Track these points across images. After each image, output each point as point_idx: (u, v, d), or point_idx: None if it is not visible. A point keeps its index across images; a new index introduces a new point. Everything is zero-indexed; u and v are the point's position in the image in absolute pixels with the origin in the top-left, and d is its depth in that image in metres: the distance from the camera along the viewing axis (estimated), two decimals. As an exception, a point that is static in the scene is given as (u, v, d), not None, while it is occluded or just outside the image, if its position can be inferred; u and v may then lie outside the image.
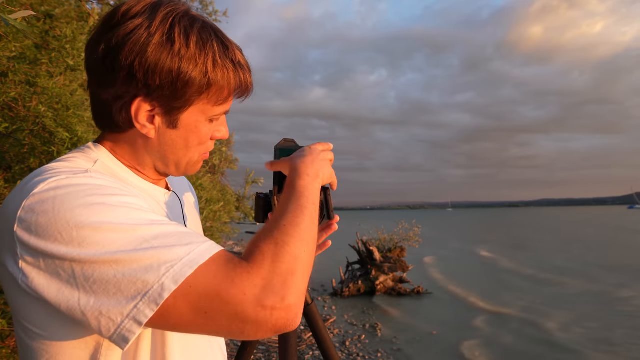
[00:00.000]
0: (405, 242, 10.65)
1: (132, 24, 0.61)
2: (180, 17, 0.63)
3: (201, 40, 0.63)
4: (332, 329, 7.10)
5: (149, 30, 0.60)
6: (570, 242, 23.80)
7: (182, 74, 0.61)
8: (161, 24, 0.61)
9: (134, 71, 0.60)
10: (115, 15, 0.63)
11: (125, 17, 0.62)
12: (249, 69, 0.69)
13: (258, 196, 0.90)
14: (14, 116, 2.13)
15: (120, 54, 0.60)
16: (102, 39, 0.62)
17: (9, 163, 2.27)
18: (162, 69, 0.61)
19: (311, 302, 1.06)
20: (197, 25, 0.63)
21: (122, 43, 0.60)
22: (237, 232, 8.05)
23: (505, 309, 8.73)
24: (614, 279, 11.74)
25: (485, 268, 14.34)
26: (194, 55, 0.62)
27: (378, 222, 11.55)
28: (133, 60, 0.60)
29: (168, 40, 0.61)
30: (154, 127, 0.66)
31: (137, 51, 0.60)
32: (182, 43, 0.61)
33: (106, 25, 0.63)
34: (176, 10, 0.64)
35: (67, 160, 0.64)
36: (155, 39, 0.60)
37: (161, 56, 0.60)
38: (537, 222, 56.86)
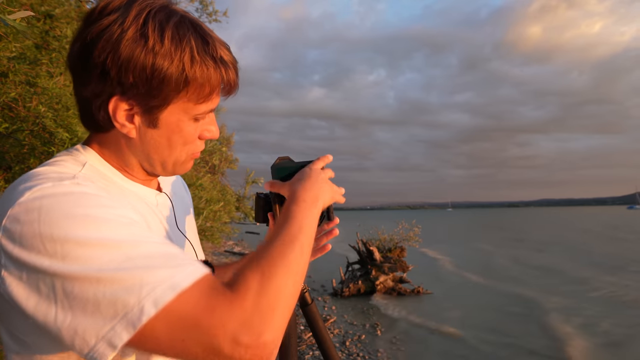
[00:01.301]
0: (405, 242, 10.65)
1: (106, 20, 0.59)
2: (156, 11, 0.61)
3: (177, 35, 0.60)
4: (332, 329, 7.10)
5: (122, 26, 0.59)
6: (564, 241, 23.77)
7: (156, 70, 0.59)
8: (134, 20, 0.59)
9: (107, 68, 0.59)
10: (94, 12, 0.62)
11: (102, 13, 0.60)
12: (234, 65, 0.66)
13: (258, 196, 0.90)
14: (14, 116, 2.13)
15: (94, 51, 0.59)
16: (79, 37, 0.62)
17: (9, 163, 2.26)
18: (136, 65, 0.59)
19: (311, 302, 1.06)
20: (173, 20, 0.61)
21: (96, 40, 0.59)
22: (237, 232, 8.05)
23: (505, 309, 8.73)
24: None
25: (485, 268, 14.34)
26: (169, 51, 0.60)
27: (378, 222, 11.55)
28: (106, 58, 0.59)
29: (142, 36, 0.59)
30: (134, 127, 0.64)
31: (110, 48, 0.58)
32: (157, 39, 0.59)
33: (85, 23, 0.62)
34: (151, 4, 0.62)
35: (55, 164, 0.62)
36: (128, 35, 0.59)
37: (134, 52, 0.59)
38: (536, 221, 56.84)
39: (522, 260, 15.88)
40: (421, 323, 7.73)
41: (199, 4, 7.57)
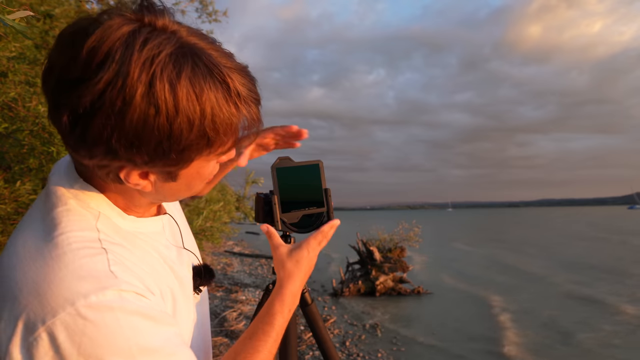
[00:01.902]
0: (406, 242, 10.64)
1: (100, 81, 0.47)
2: (163, 64, 0.49)
3: (194, 92, 0.50)
4: (332, 329, 7.10)
5: (123, 92, 0.47)
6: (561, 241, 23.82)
7: (174, 142, 0.51)
8: (138, 80, 0.47)
9: (112, 147, 0.50)
10: (76, 54, 0.48)
11: (90, 64, 0.48)
12: (256, 100, 0.57)
13: (258, 196, 0.90)
14: (14, 116, 2.13)
15: (92, 127, 0.49)
16: (64, 100, 0.49)
17: (9, 163, 2.26)
18: (149, 142, 0.50)
19: (311, 302, 1.06)
20: (185, 72, 0.50)
21: (92, 112, 0.48)
22: (237, 232, 8.05)
23: (505, 310, 8.73)
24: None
25: (485, 268, 14.34)
26: (186, 116, 0.50)
27: (378, 222, 11.54)
28: (110, 136, 0.49)
29: (150, 104, 0.48)
30: (149, 182, 0.59)
31: (113, 124, 0.48)
32: (170, 104, 0.49)
33: (65, 70, 0.49)
34: (154, 50, 0.49)
35: (70, 215, 0.58)
36: (134, 105, 0.48)
37: (144, 127, 0.49)
38: (536, 222, 56.94)
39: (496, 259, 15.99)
40: (421, 323, 7.72)
41: (199, 3, 7.57)
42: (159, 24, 0.52)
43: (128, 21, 0.50)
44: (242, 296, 8.34)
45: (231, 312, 6.87)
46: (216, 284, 9.16)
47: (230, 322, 6.41)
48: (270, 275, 11.42)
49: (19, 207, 2.22)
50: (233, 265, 12.61)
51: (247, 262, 13.52)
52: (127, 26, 0.49)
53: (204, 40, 0.54)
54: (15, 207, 2.19)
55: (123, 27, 0.49)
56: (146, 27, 0.51)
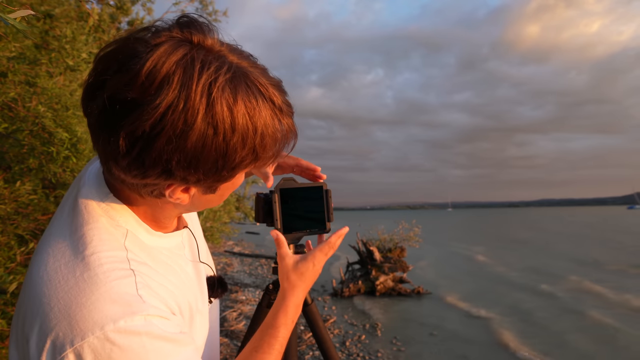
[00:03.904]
0: (406, 242, 10.64)
1: (161, 104, 0.48)
2: (222, 87, 0.50)
3: (247, 112, 0.52)
4: (332, 329, 7.09)
5: (184, 115, 0.49)
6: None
7: (228, 161, 0.54)
8: (200, 103, 0.49)
9: (171, 168, 0.52)
10: (133, 77, 0.49)
11: (149, 87, 0.48)
12: (291, 107, 0.60)
13: (258, 196, 0.90)
14: (14, 116, 2.13)
15: (152, 150, 0.50)
16: (119, 123, 0.49)
17: (9, 163, 2.26)
18: (206, 162, 0.53)
19: (311, 302, 1.06)
20: (240, 92, 0.52)
21: (152, 136, 0.49)
22: (237, 232, 8.05)
23: (506, 309, 8.73)
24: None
25: (486, 267, 14.34)
26: (241, 135, 0.52)
27: (378, 222, 11.53)
28: (169, 159, 0.51)
29: (209, 125, 0.50)
30: (188, 196, 0.60)
31: (174, 147, 0.50)
32: (227, 124, 0.51)
33: (119, 93, 0.49)
34: (214, 76, 0.50)
35: (101, 233, 0.59)
36: (196, 128, 0.49)
37: (203, 148, 0.51)
38: (536, 222, 56.97)
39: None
40: (421, 323, 7.72)
41: (199, 3, 7.58)
42: (207, 44, 0.53)
43: (180, 43, 0.51)
44: (242, 296, 8.34)
45: (231, 312, 6.87)
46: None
47: (230, 322, 6.41)
48: (270, 275, 11.43)
49: (19, 207, 2.22)
50: (233, 265, 12.61)
51: (247, 262, 13.51)
52: (181, 49, 0.51)
53: (245, 58, 0.56)
54: (15, 207, 2.19)
55: (179, 50, 0.50)
56: (198, 49, 0.52)
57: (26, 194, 2.19)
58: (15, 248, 2.18)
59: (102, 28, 3.59)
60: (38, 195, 2.32)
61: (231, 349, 5.24)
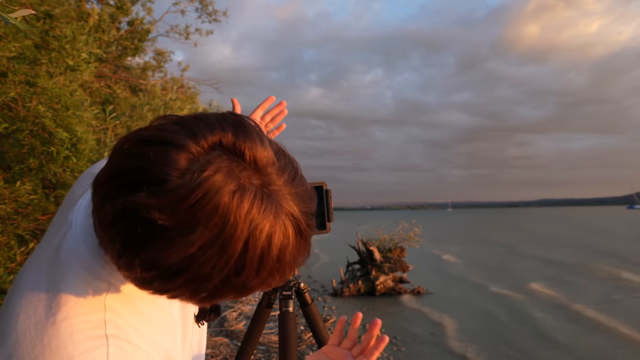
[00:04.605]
0: (406, 242, 10.65)
1: (196, 242, 0.42)
2: (260, 234, 0.44)
3: (277, 259, 0.47)
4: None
5: (214, 260, 0.43)
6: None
7: (239, 295, 0.50)
8: (236, 248, 0.44)
9: (178, 296, 0.49)
10: (173, 204, 0.41)
11: (188, 221, 0.42)
12: (313, 227, 0.54)
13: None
14: (14, 116, 2.13)
15: (169, 282, 0.46)
16: (141, 244, 0.44)
17: (9, 163, 2.26)
18: (220, 297, 0.50)
19: (311, 302, 1.06)
20: (277, 236, 0.46)
21: (175, 271, 0.44)
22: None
23: (505, 309, 8.73)
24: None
25: (486, 267, 14.34)
26: (262, 280, 0.48)
27: (378, 222, 11.53)
28: (183, 294, 0.48)
29: (235, 270, 0.45)
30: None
31: (194, 287, 0.46)
32: (252, 270, 0.46)
33: (150, 211, 0.42)
34: (258, 222, 0.44)
35: (78, 291, 0.56)
36: (223, 273, 0.45)
37: (223, 289, 0.47)
38: (535, 221, 56.97)
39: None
40: (421, 323, 7.73)
41: (199, 3, 7.57)
42: (260, 162, 0.46)
43: (232, 169, 0.44)
44: (242, 296, 8.33)
45: (231, 312, 6.87)
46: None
47: (230, 322, 6.41)
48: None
49: (19, 207, 2.22)
50: (233, 265, 12.60)
51: (247, 262, 13.50)
52: (234, 180, 0.43)
53: (290, 181, 0.49)
54: (15, 207, 2.19)
55: (231, 182, 0.43)
56: (248, 173, 0.45)
57: (26, 194, 2.19)
58: (15, 248, 2.18)
59: (102, 28, 3.59)
60: (38, 195, 2.32)
61: (231, 349, 5.24)
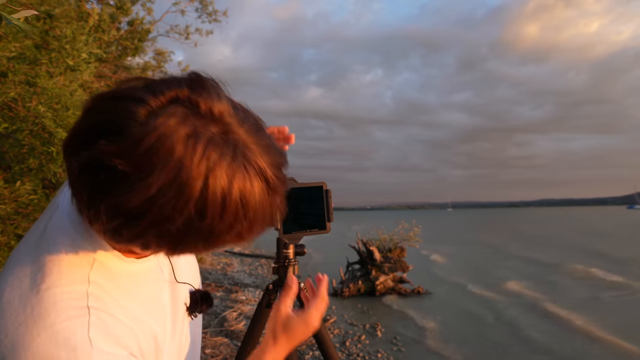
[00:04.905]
0: (406, 242, 10.64)
1: (154, 184, 0.44)
2: (220, 175, 0.46)
3: (241, 201, 0.48)
4: (332, 329, 7.10)
5: (175, 201, 0.45)
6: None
7: (208, 243, 0.52)
8: (194, 189, 0.45)
9: (148, 244, 0.51)
10: (129, 148, 0.44)
11: (145, 164, 0.44)
12: (286, 184, 0.57)
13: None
14: (14, 116, 2.13)
15: (133, 228, 0.48)
16: (103, 191, 0.46)
17: (9, 163, 2.27)
18: (186, 243, 0.51)
19: (311, 302, 1.06)
20: (238, 179, 0.48)
21: (137, 214, 0.46)
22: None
23: (505, 309, 8.74)
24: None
25: (486, 267, 14.35)
26: (229, 224, 0.50)
27: (378, 222, 11.53)
28: (150, 239, 0.50)
29: (198, 212, 0.47)
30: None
31: (157, 230, 0.48)
32: (217, 212, 0.48)
33: (109, 159, 0.45)
34: (216, 163, 0.46)
35: (62, 265, 0.57)
36: (183, 215, 0.46)
37: (187, 233, 0.49)
38: (535, 221, 57.00)
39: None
40: (421, 323, 7.73)
41: (199, 3, 7.57)
42: (216, 112, 0.49)
43: (186, 115, 0.47)
44: (242, 296, 8.34)
45: (231, 312, 6.87)
46: (216, 284, 9.17)
47: (230, 322, 6.41)
48: (270, 275, 11.43)
49: (19, 207, 2.22)
50: (233, 265, 12.61)
51: (247, 262, 13.51)
52: (187, 125, 0.46)
53: (252, 132, 0.51)
54: (15, 207, 2.19)
55: (184, 126, 0.46)
56: (204, 121, 0.47)
57: (26, 194, 2.19)
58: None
59: (102, 28, 3.59)
60: (38, 195, 2.32)
61: (231, 349, 5.24)
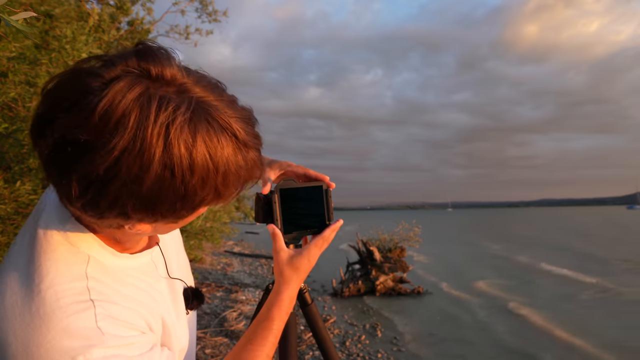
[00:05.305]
0: (405, 242, 10.65)
1: (115, 147, 0.45)
2: (180, 128, 0.47)
3: (208, 152, 0.50)
4: (332, 329, 7.10)
5: (140, 159, 0.46)
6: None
7: (187, 201, 0.52)
8: (156, 146, 0.46)
9: (127, 212, 0.51)
10: (86, 117, 0.45)
11: (103, 129, 0.45)
12: (258, 139, 0.57)
13: (258, 196, 0.91)
14: (14, 116, 2.13)
15: (106, 194, 0.48)
16: (71, 165, 0.47)
17: (9, 163, 2.27)
18: (163, 204, 0.51)
19: (311, 303, 1.06)
20: (200, 132, 0.49)
21: (106, 179, 0.46)
22: (237, 232, 8.06)
23: (505, 309, 8.74)
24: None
25: (486, 267, 14.35)
26: (201, 177, 0.50)
27: (378, 222, 11.53)
28: (125, 203, 0.49)
29: (166, 168, 0.47)
30: (149, 227, 0.58)
31: (129, 191, 0.48)
32: (185, 167, 0.48)
33: (71, 133, 0.46)
34: (173, 116, 0.47)
35: (58, 264, 0.57)
36: (152, 172, 0.47)
37: (160, 191, 0.49)
38: (534, 221, 57.03)
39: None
40: (421, 323, 7.73)
41: (199, 3, 7.57)
42: (167, 75, 0.50)
43: (137, 79, 0.48)
44: (242, 296, 8.34)
45: (231, 312, 6.87)
46: (216, 284, 9.17)
47: (230, 322, 6.41)
48: (270, 275, 11.43)
49: (19, 207, 2.22)
50: (233, 265, 12.61)
51: (247, 262, 13.51)
52: (138, 86, 0.47)
53: (210, 90, 0.53)
54: (15, 207, 2.19)
55: (135, 88, 0.47)
56: (157, 84, 0.49)
57: (26, 194, 2.19)
58: (16, 248, 2.18)
59: (102, 28, 3.59)
60: (38, 195, 2.32)
61: (231, 349, 5.24)
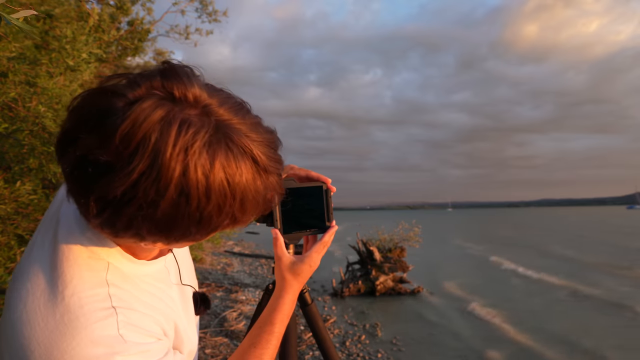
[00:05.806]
0: (405, 242, 10.64)
1: (134, 171, 0.45)
2: (199, 153, 0.47)
3: (226, 179, 0.49)
4: (332, 329, 7.10)
5: (157, 184, 0.46)
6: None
7: (202, 227, 0.52)
8: (173, 171, 0.46)
9: (142, 234, 0.51)
10: (107, 138, 0.46)
11: (123, 151, 0.45)
12: (280, 164, 0.56)
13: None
14: (14, 116, 2.13)
15: (122, 215, 0.48)
16: (91, 184, 0.47)
17: (9, 163, 2.27)
18: (178, 229, 0.51)
19: (311, 303, 1.06)
20: (219, 157, 0.48)
21: (122, 202, 0.47)
22: (237, 232, 8.04)
23: (505, 309, 8.74)
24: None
25: (486, 267, 14.35)
26: (217, 204, 0.50)
27: (378, 222, 11.53)
28: (140, 226, 0.50)
29: (182, 195, 0.47)
30: (168, 245, 0.59)
31: (144, 215, 0.48)
32: (202, 193, 0.48)
33: (93, 152, 0.47)
34: (191, 141, 0.47)
35: (81, 271, 0.58)
36: (168, 197, 0.47)
37: (175, 216, 0.49)
38: (534, 221, 57.01)
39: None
40: (421, 323, 7.73)
41: (199, 3, 7.57)
42: (190, 97, 0.50)
43: (160, 101, 0.48)
44: (242, 296, 8.34)
45: (231, 312, 6.87)
46: (216, 284, 9.17)
47: (230, 322, 6.41)
48: (270, 275, 11.43)
49: (19, 207, 2.22)
50: (233, 265, 12.60)
51: (247, 262, 13.51)
52: (160, 109, 0.47)
53: (234, 112, 0.52)
54: (15, 207, 2.19)
55: (157, 111, 0.47)
56: (180, 106, 0.49)
57: (26, 194, 2.19)
58: (15, 248, 2.18)
59: (102, 28, 3.59)
60: (38, 195, 2.32)
61: (231, 349, 5.24)
